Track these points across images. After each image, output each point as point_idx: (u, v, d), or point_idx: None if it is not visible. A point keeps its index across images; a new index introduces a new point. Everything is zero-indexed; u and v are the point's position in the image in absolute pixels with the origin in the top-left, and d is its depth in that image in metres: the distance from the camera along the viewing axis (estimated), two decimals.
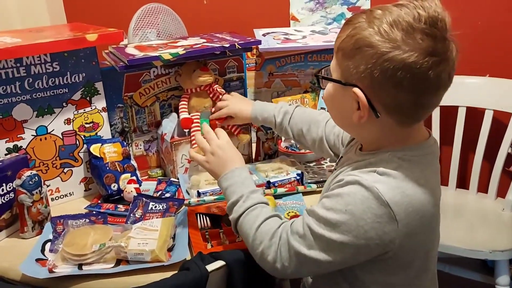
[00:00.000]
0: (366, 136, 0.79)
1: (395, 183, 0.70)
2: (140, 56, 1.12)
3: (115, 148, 1.16)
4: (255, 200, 0.85)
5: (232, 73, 1.35)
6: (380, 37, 0.67)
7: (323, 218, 0.73)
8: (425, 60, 0.66)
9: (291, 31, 1.54)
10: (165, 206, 1.06)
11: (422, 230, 0.73)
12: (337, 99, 0.77)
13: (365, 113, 0.72)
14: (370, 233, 0.69)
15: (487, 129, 1.68)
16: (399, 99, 0.69)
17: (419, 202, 0.71)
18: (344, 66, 0.72)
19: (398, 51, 0.66)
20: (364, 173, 0.72)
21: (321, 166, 1.29)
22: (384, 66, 0.67)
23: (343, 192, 0.72)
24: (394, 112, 0.72)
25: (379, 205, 0.69)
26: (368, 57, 0.68)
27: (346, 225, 0.70)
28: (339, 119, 0.82)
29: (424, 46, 0.66)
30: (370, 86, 0.70)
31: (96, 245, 0.91)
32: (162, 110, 1.28)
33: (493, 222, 1.58)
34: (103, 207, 1.09)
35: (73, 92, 1.11)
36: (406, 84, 0.67)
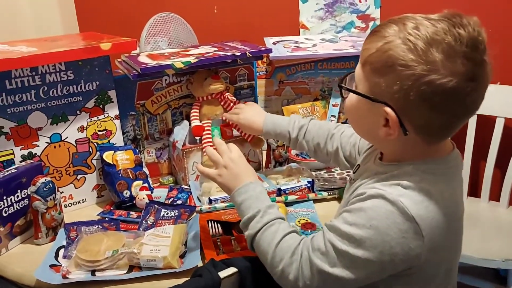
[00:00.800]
0: (390, 148, 0.77)
1: (420, 197, 0.69)
2: (153, 65, 1.14)
3: (127, 156, 1.17)
4: (273, 216, 0.82)
5: (242, 81, 1.36)
6: (415, 57, 0.64)
7: (346, 234, 0.70)
8: (466, 86, 0.64)
9: (301, 39, 1.55)
10: (177, 213, 1.06)
11: (446, 244, 0.71)
12: (363, 112, 0.75)
13: (394, 132, 0.70)
14: (396, 248, 0.67)
15: (499, 137, 1.67)
16: (432, 121, 0.68)
17: (444, 216, 0.69)
18: (373, 82, 0.70)
19: (436, 75, 0.63)
20: (387, 186, 0.70)
21: (332, 173, 1.30)
22: (421, 89, 0.64)
23: (366, 206, 0.70)
24: (423, 132, 0.70)
25: (404, 220, 0.67)
26: (403, 77, 0.65)
27: (371, 241, 0.68)
28: (362, 131, 0.81)
29: (464, 71, 0.63)
30: (402, 106, 0.68)
31: (109, 252, 0.92)
32: (174, 117, 1.29)
33: (506, 231, 1.57)
34: (116, 214, 1.10)
35: (86, 100, 1.13)
36: (443, 108, 0.66)
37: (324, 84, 1.47)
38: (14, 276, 0.92)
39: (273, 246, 0.78)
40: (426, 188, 0.69)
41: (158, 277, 0.87)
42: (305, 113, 1.42)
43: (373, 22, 1.79)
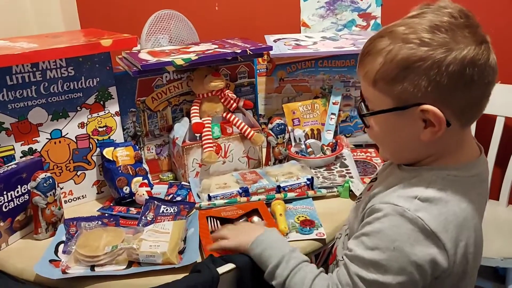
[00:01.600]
0: (426, 153, 0.73)
1: (437, 210, 0.67)
2: (153, 62, 1.14)
3: (127, 152, 1.17)
4: (298, 260, 0.79)
5: (243, 78, 1.37)
6: (427, 46, 0.65)
7: (370, 261, 0.68)
8: (482, 49, 0.65)
9: (302, 37, 1.55)
10: (176, 209, 1.07)
11: (467, 257, 0.70)
12: (396, 129, 0.71)
13: (441, 127, 0.67)
14: (424, 266, 0.66)
15: (499, 136, 1.67)
16: (472, 97, 0.67)
17: (462, 228, 0.68)
18: (396, 91, 0.67)
19: (454, 52, 0.64)
20: (403, 200, 0.68)
21: (331, 171, 1.30)
22: (449, 70, 0.64)
23: (385, 227, 0.67)
24: (465, 113, 0.68)
25: (426, 236, 0.65)
26: (426, 70, 0.64)
27: (398, 264, 0.66)
28: (401, 149, 0.75)
29: (474, 38, 0.65)
30: (438, 96, 0.66)
31: (108, 247, 0.92)
32: (174, 114, 1.29)
33: (505, 230, 1.57)
34: (115, 210, 1.11)
35: (87, 96, 1.13)
36: (477, 78, 0.65)
37: (324, 82, 1.47)
38: (14, 271, 0.93)
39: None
40: (445, 199, 0.68)
41: (157, 272, 0.88)
42: (305, 110, 1.42)
43: (374, 21, 1.79)
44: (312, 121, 1.42)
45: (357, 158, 1.37)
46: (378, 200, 0.71)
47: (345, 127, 1.49)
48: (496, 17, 1.70)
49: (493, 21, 1.71)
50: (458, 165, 0.71)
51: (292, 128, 1.41)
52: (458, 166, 0.71)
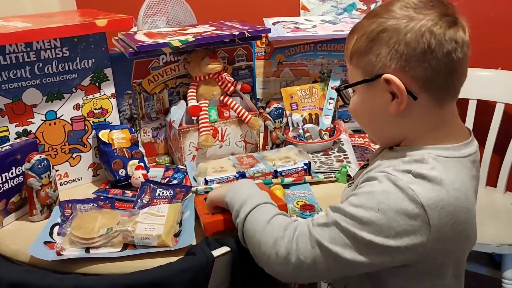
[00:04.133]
0: (403, 130, 0.75)
1: (430, 186, 0.67)
2: (150, 43, 1.13)
3: (123, 135, 1.16)
4: (265, 199, 0.81)
5: (241, 61, 1.35)
6: (393, 20, 0.69)
7: (351, 215, 0.69)
8: (441, 21, 0.68)
9: (301, 20, 1.53)
10: (172, 193, 1.06)
11: (453, 237, 0.69)
12: (367, 102, 0.75)
13: (403, 98, 0.69)
14: (402, 235, 0.66)
15: (498, 123, 1.66)
16: (432, 68, 0.68)
17: (453, 207, 0.67)
18: (363, 63, 0.72)
19: (413, 22, 0.68)
20: (398, 172, 0.69)
21: (329, 156, 1.29)
22: (406, 38, 0.67)
23: (375, 190, 0.68)
24: (429, 86, 0.69)
25: (413, 207, 0.66)
26: (387, 39, 0.69)
27: (377, 225, 0.66)
28: (375, 125, 0.78)
29: (435, 11, 0.68)
30: (399, 66, 0.69)
31: (103, 229, 0.92)
32: (171, 97, 1.28)
33: (502, 216, 1.57)
34: (111, 192, 1.10)
35: (82, 77, 1.12)
36: (434, 47, 0.67)
37: (323, 66, 1.46)
38: (9, 253, 0.92)
39: (264, 222, 0.75)
40: (438, 177, 0.68)
41: (152, 255, 0.87)
42: (303, 95, 1.41)
43: (374, 4, 1.76)
44: (310, 106, 1.41)
45: (355, 143, 1.37)
46: (372, 172, 0.72)
47: (344, 112, 1.47)
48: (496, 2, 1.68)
49: (493, 7, 1.69)
50: (448, 146, 0.72)
51: (290, 112, 1.40)
52: (448, 146, 0.72)
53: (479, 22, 1.69)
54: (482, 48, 1.72)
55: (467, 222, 0.71)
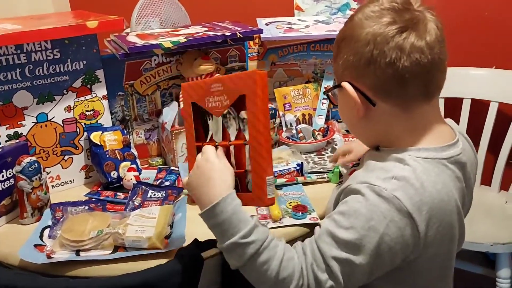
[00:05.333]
0: (375, 133, 0.75)
1: (413, 190, 0.66)
2: (141, 44, 1.12)
3: (115, 136, 1.16)
4: (260, 238, 0.69)
5: (234, 62, 1.35)
6: (350, 28, 0.71)
7: (344, 241, 0.66)
8: (388, 29, 0.67)
9: (295, 20, 1.53)
10: (164, 194, 1.06)
11: (439, 240, 0.69)
12: (342, 105, 0.78)
13: (358, 105, 0.71)
14: (395, 248, 0.66)
15: (492, 122, 1.66)
16: (378, 76, 0.68)
17: (437, 210, 0.67)
18: (334, 69, 0.76)
19: (361, 30, 0.69)
20: (381, 180, 0.67)
21: (322, 156, 1.29)
22: (353, 48, 0.69)
23: (361, 206, 0.66)
24: (382, 94, 0.70)
25: (402, 217, 0.65)
26: (343, 48, 0.71)
27: (371, 244, 0.65)
28: (353, 127, 0.80)
29: (385, 19, 0.68)
30: (352, 74, 0.71)
31: (94, 232, 0.91)
32: (163, 98, 1.28)
33: (496, 215, 1.57)
34: (103, 195, 1.10)
35: (73, 79, 1.12)
36: (376, 55, 0.67)
37: (316, 66, 1.46)
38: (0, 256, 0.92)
39: (271, 279, 0.67)
40: (420, 179, 0.67)
41: (143, 257, 0.87)
42: (296, 95, 1.40)
43: None
44: (303, 106, 1.41)
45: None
46: (355, 181, 0.71)
47: (337, 112, 1.47)
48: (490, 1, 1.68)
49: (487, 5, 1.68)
50: (429, 147, 0.71)
51: (283, 113, 1.40)
52: (429, 148, 0.71)
53: (473, 21, 1.69)
54: (476, 47, 1.72)
55: (451, 225, 0.71)
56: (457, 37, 1.66)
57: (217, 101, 0.77)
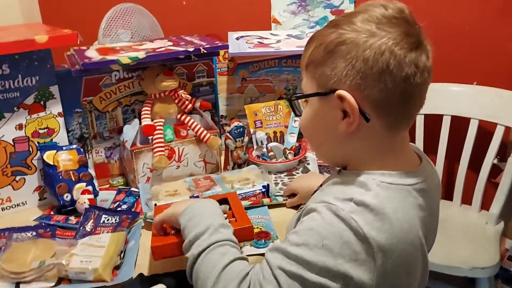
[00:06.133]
0: (350, 152, 0.71)
1: (372, 216, 0.62)
2: (97, 60, 1.06)
3: (70, 156, 1.10)
4: (226, 236, 0.72)
5: (201, 77, 1.29)
6: (353, 33, 0.64)
7: (295, 256, 0.62)
8: (404, 41, 0.63)
9: (267, 35, 1.48)
10: (118, 220, 0.99)
11: (396, 272, 0.64)
12: (317, 117, 0.70)
13: (355, 118, 0.65)
14: (349, 271, 0.61)
15: (472, 139, 1.62)
16: (387, 89, 0.63)
17: (397, 239, 0.63)
18: (318, 75, 0.67)
19: (375, 38, 0.63)
20: (339, 201, 0.64)
21: (292, 176, 1.23)
22: (365, 55, 0.62)
23: (316, 224, 0.63)
24: (382, 109, 0.65)
25: (357, 240, 0.61)
26: (344, 53, 0.64)
27: (323, 263, 0.61)
28: (322, 142, 0.74)
29: (398, 30, 0.64)
30: (354, 83, 0.64)
31: (36, 262, 0.85)
32: (125, 115, 1.22)
33: (476, 237, 1.52)
34: (53, 219, 1.03)
35: (25, 96, 1.05)
36: (392, 68, 0.62)
37: (288, 82, 1.41)
38: None
39: (219, 269, 0.67)
40: (380, 206, 0.63)
41: None
42: (268, 112, 1.35)
43: None
44: (275, 123, 1.36)
45: (320, 162, 1.31)
46: (313, 201, 0.67)
47: None
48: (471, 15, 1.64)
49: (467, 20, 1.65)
50: (392, 173, 0.67)
51: (254, 130, 1.35)
52: (393, 173, 0.67)
53: (454, 35, 1.65)
54: (456, 63, 1.68)
55: (411, 256, 0.65)
56: (438, 52, 1.62)
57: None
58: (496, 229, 1.55)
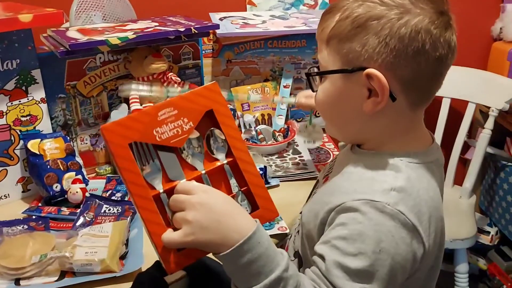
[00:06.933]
0: (371, 131, 0.68)
1: (413, 201, 0.61)
2: (84, 40, 1.00)
3: (56, 144, 1.03)
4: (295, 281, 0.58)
5: (187, 60, 1.25)
6: (384, 7, 0.61)
7: (355, 270, 0.58)
8: (439, 20, 0.61)
9: (250, 15, 1.45)
10: (120, 210, 0.95)
11: (435, 248, 0.65)
12: (341, 95, 0.66)
13: (384, 98, 0.62)
14: (407, 266, 0.60)
15: (445, 117, 1.68)
16: (420, 69, 0.61)
17: (434, 218, 0.63)
18: (344, 51, 0.63)
19: (410, 15, 0.60)
20: (379, 194, 0.61)
21: (284, 158, 1.23)
22: (400, 32, 0.60)
23: (365, 228, 0.59)
24: (411, 88, 0.63)
25: (408, 231, 0.60)
26: (377, 29, 0.60)
27: (384, 267, 0.58)
28: (341, 120, 0.70)
29: (432, 6, 0.62)
30: (386, 62, 0.61)
31: (36, 256, 0.80)
32: (111, 100, 1.16)
33: (452, 211, 1.59)
34: (44, 211, 0.97)
35: (5, 81, 0.98)
36: (428, 48, 0.60)
37: (274, 64, 1.39)
38: None
39: None
40: (416, 187, 0.63)
41: (95, 283, 0.78)
42: (254, 94, 1.33)
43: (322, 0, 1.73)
44: (262, 106, 1.34)
45: None
46: (348, 197, 0.63)
47: (297, 112, 1.42)
48: None
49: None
50: (417, 152, 0.67)
51: (242, 113, 1.33)
52: (417, 152, 0.67)
53: None
54: None
55: (442, 231, 0.67)
56: None
57: (174, 128, 0.63)
58: (470, 203, 1.63)
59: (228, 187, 0.66)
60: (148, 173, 0.61)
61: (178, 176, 0.63)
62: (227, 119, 0.66)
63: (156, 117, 0.62)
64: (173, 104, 0.63)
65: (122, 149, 0.60)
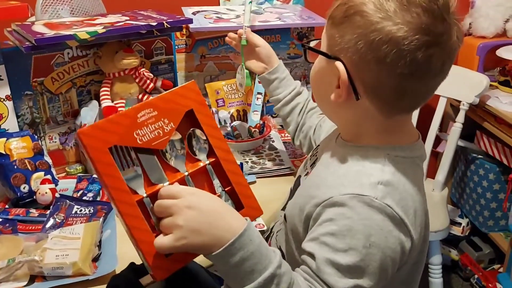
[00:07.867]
0: (345, 119, 0.70)
1: (399, 195, 0.62)
2: (51, 35, 0.96)
3: (23, 143, 1.00)
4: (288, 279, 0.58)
5: (160, 55, 1.23)
6: (373, 6, 0.59)
7: (346, 266, 0.58)
8: (415, 38, 0.57)
9: (223, 10, 1.43)
10: (92, 210, 0.92)
11: (420, 242, 0.65)
12: (322, 74, 0.68)
13: (343, 92, 0.63)
14: (396, 258, 0.61)
15: (417, 112, 1.70)
16: (380, 79, 0.61)
17: (419, 212, 0.64)
18: (329, 35, 0.65)
19: (387, 22, 0.58)
20: (367, 188, 0.61)
21: (260, 155, 1.22)
22: (370, 37, 0.59)
23: (354, 222, 0.59)
24: (373, 95, 0.63)
25: (395, 225, 0.60)
26: (355, 26, 0.60)
27: (375, 262, 0.59)
28: (320, 97, 0.73)
29: (417, 22, 0.58)
30: (353, 60, 0.61)
31: (3, 261, 0.77)
32: (80, 97, 1.13)
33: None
34: (12, 213, 0.93)
35: None
36: (390, 61, 0.58)
37: None
38: None
39: None
40: (402, 181, 0.63)
41: (67, 287, 0.75)
42: (229, 90, 1.32)
43: None
44: (237, 102, 1.33)
45: (285, 139, 1.31)
46: (335, 191, 0.62)
47: (271, 107, 1.40)
48: None
49: None
50: (403, 146, 0.67)
51: (217, 109, 1.31)
52: (403, 146, 0.67)
53: None
54: None
55: (427, 225, 0.68)
56: None
57: (155, 129, 0.61)
58: (442, 195, 1.66)
59: (211, 188, 0.64)
60: (129, 177, 0.59)
61: (160, 179, 0.61)
62: (208, 119, 0.64)
63: (136, 119, 0.60)
64: (152, 105, 0.61)
65: (102, 154, 0.57)
